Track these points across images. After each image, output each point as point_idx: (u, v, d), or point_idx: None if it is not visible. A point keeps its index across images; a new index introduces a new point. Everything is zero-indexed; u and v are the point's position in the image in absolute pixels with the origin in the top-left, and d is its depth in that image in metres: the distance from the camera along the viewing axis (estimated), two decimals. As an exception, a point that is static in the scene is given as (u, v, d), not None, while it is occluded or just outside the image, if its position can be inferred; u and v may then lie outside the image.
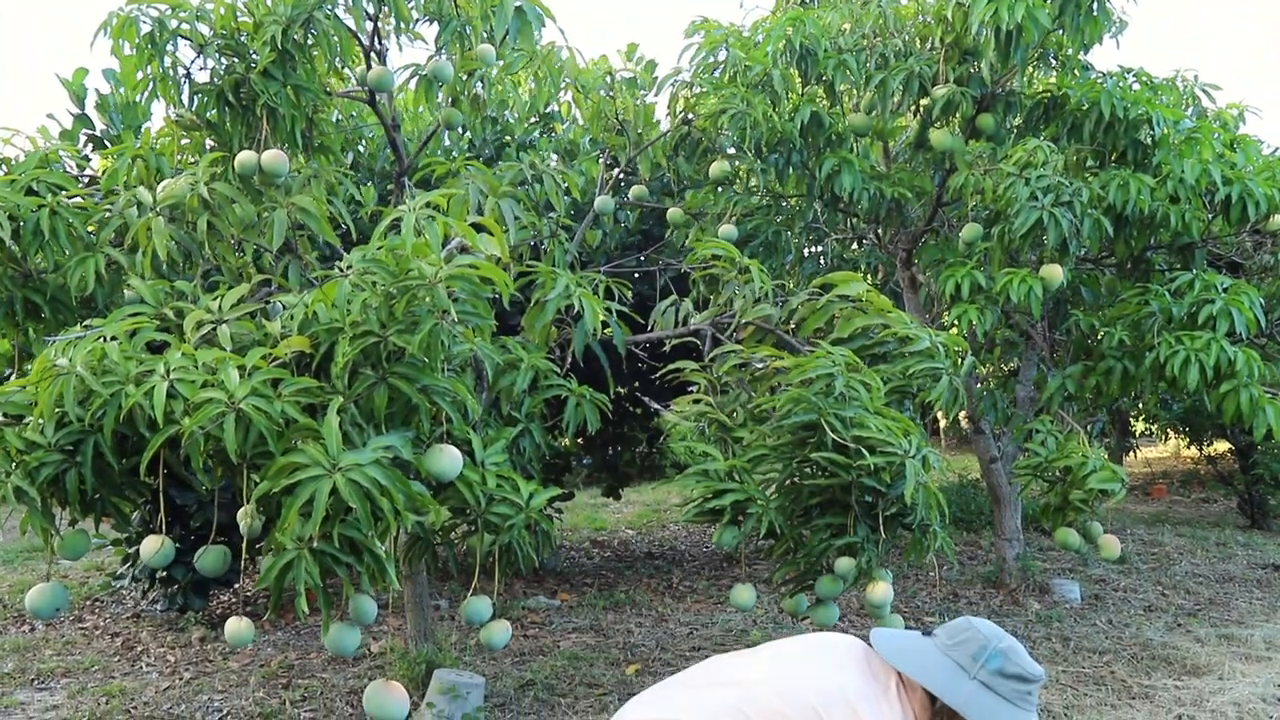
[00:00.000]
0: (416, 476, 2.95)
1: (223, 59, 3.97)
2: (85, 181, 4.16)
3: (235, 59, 3.95)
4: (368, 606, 2.99)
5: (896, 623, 3.58)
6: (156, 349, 3.04)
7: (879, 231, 6.94)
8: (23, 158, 3.86)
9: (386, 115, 4.55)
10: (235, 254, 3.92)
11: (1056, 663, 5.13)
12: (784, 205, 6.29)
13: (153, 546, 2.97)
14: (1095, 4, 5.18)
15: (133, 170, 3.86)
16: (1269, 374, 5.24)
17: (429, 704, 4.16)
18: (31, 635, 6.05)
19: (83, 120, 5.83)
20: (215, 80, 3.98)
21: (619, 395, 7.30)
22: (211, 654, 5.57)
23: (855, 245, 8.19)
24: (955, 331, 5.69)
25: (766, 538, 3.50)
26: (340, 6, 4.12)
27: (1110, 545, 4.53)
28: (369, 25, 4.35)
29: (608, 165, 5.78)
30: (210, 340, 3.02)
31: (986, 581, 6.96)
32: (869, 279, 7.88)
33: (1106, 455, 4.74)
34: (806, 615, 3.71)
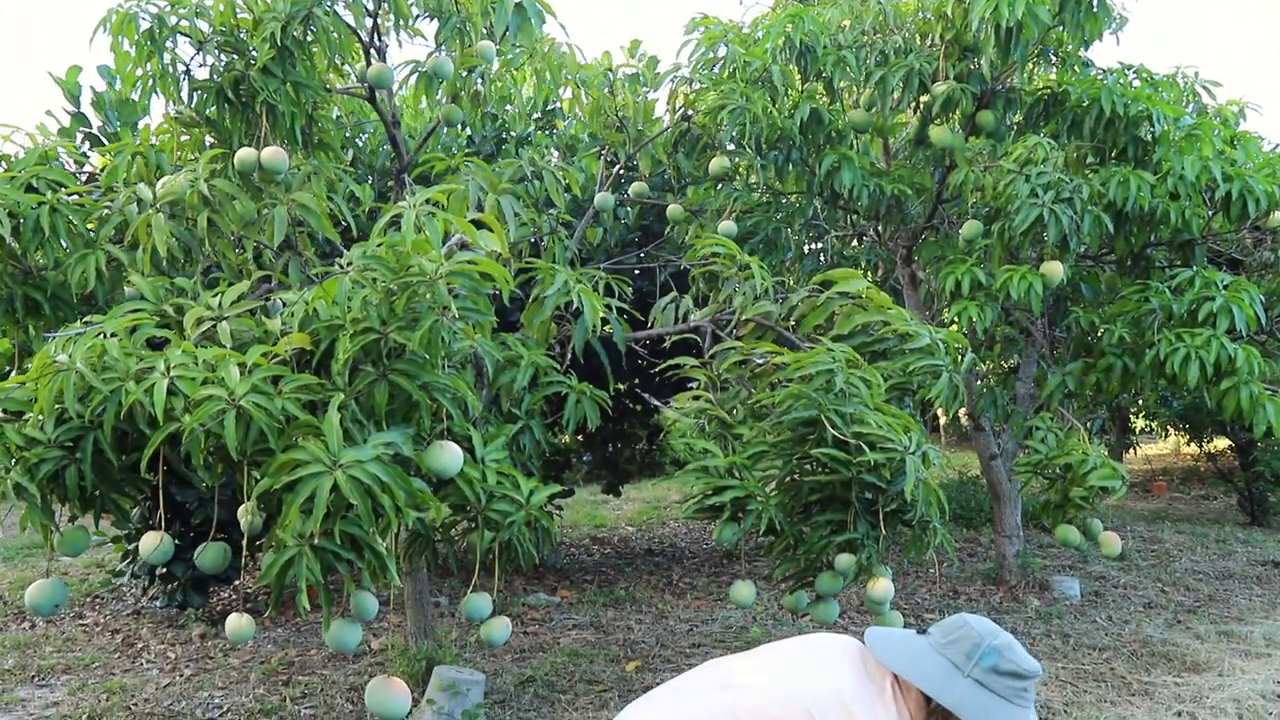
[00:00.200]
0: (417, 473, 2.95)
1: (222, 56, 3.97)
2: (84, 179, 4.16)
3: (235, 56, 3.95)
4: (369, 603, 2.99)
5: (896, 619, 3.58)
6: (157, 345, 3.04)
7: (879, 228, 6.93)
8: (22, 155, 3.86)
9: (386, 112, 4.55)
10: (235, 251, 3.92)
11: (1056, 659, 5.14)
12: (784, 202, 6.28)
13: (152, 543, 2.97)
14: (1095, 0, 5.17)
15: (132, 167, 3.85)
16: (1269, 371, 5.24)
17: (429, 700, 4.16)
18: (32, 632, 6.06)
19: (79, 118, 5.82)
20: (215, 77, 3.98)
21: (619, 392, 7.32)
22: (212, 651, 5.58)
23: (855, 242, 8.18)
24: (955, 328, 5.69)
25: (766, 534, 3.49)
26: (340, 3, 4.12)
27: (1110, 542, 4.53)
28: (368, 22, 4.35)
29: (608, 162, 5.77)
30: (210, 337, 3.02)
31: (986, 578, 6.97)
32: (869, 276, 7.88)
33: (1106, 452, 4.74)
34: (806, 612, 3.71)
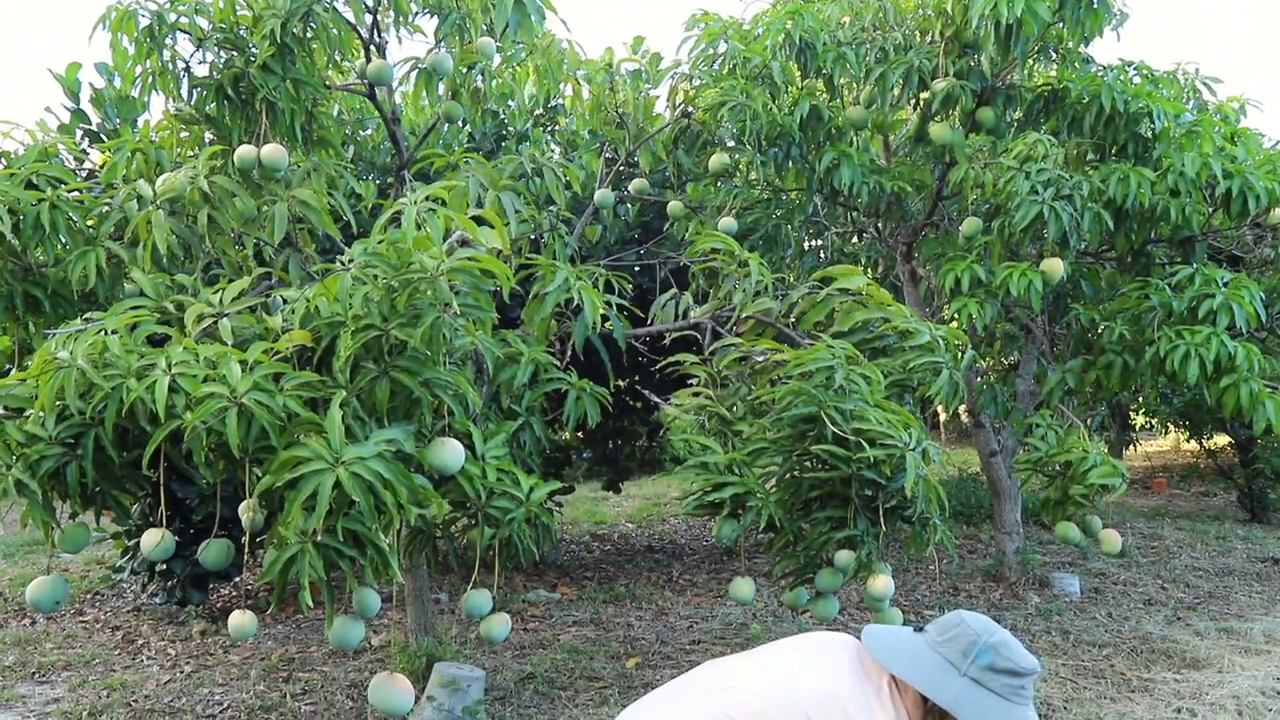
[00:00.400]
0: (419, 469, 2.95)
1: (222, 53, 3.97)
2: (84, 175, 4.15)
3: (234, 53, 3.95)
4: (371, 600, 3.00)
5: (896, 616, 3.58)
6: (157, 342, 3.04)
7: (879, 225, 6.93)
8: (21, 152, 3.86)
9: (386, 108, 4.55)
10: (235, 248, 3.92)
11: (1056, 656, 5.15)
12: (784, 199, 6.28)
13: (153, 540, 2.97)
14: (1096, -3, 5.17)
15: (132, 164, 3.85)
16: (1269, 368, 5.24)
17: (429, 697, 4.17)
18: (32, 629, 6.06)
19: (79, 115, 5.82)
20: (214, 74, 3.97)
21: (619, 389, 7.33)
22: (212, 647, 5.58)
23: (855, 239, 8.18)
24: (955, 325, 5.70)
25: (766, 531, 3.50)
26: (339, 0, 4.12)
27: (1110, 539, 4.54)
28: (368, 18, 4.34)
29: (608, 159, 5.77)
30: (211, 334, 3.02)
31: (986, 575, 6.98)
32: (869, 273, 7.89)
33: (1106, 449, 4.75)
34: (806, 609, 3.71)
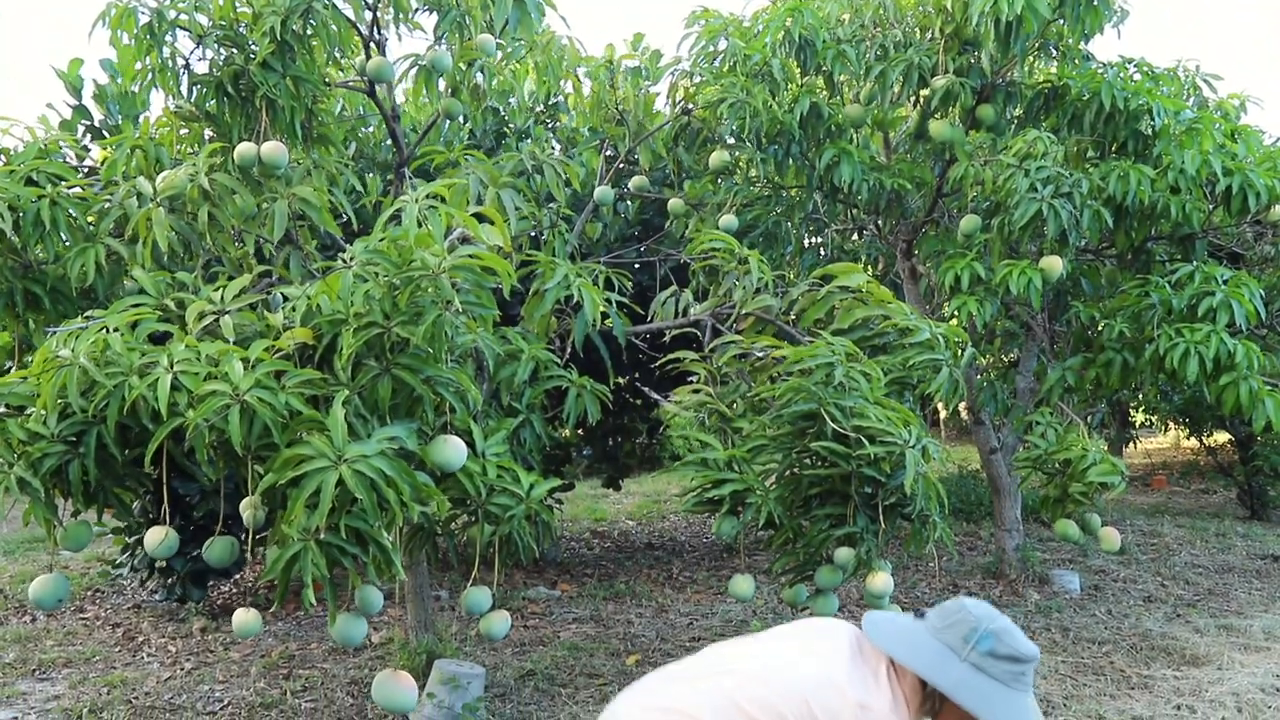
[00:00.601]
0: (420, 467, 2.95)
1: (221, 50, 3.96)
2: (84, 172, 4.15)
3: (234, 50, 3.94)
4: (374, 597, 3.00)
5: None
6: (158, 340, 3.04)
7: (879, 222, 6.93)
8: (22, 148, 3.86)
9: (386, 106, 4.55)
10: (236, 245, 3.92)
11: (1056, 653, 5.15)
12: (784, 196, 6.28)
13: (157, 537, 2.98)
14: (1096, -6, 5.17)
15: (132, 161, 3.85)
16: (1269, 365, 5.24)
17: (429, 694, 4.17)
18: (33, 626, 6.07)
19: (80, 111, 5.81)
20: (214, 71, 3.97)
21: (619, 386, 7.33)
22: (212, 644, 5.59)
23: (855, 236, 8.18)
24: (955, 323, 5.69)
25: (766, 528, 3.50)
26: (339, -3, 4.11)
27: (1110, 537, 4.55)
28: (368, 15, 4.34)
29: (608, 156, 5.77)
30: (212, 332, 3.02)
31: (986, 572, 6.98)
32: (869, 270, 7.88)
33: (1106, 447, 4.75)
34: (806, 606, 3.72)
